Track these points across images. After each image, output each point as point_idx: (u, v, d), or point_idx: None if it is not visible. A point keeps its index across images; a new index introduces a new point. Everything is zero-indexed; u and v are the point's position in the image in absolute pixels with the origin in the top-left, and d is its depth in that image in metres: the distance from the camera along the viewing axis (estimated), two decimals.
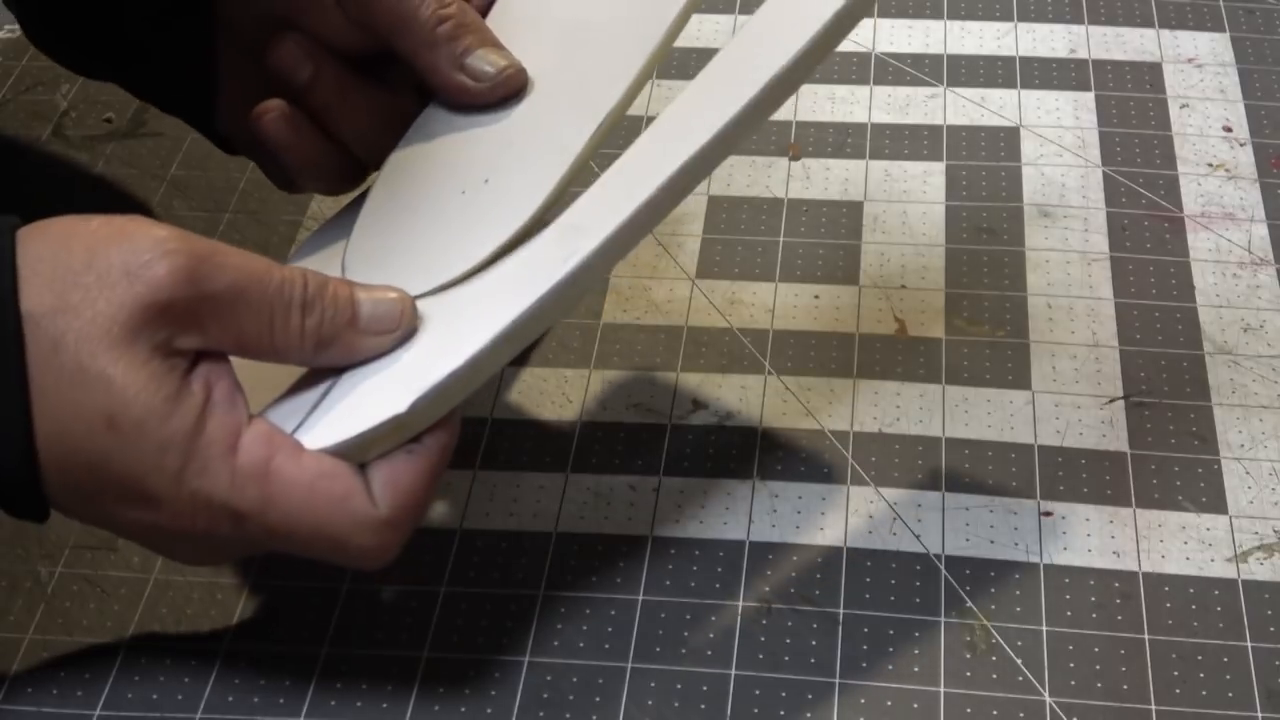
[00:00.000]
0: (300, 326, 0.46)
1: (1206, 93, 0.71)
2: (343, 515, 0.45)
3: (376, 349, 0.47)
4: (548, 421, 0.59)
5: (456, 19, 0.52)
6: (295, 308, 0.46)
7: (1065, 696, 0.50)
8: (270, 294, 0.45)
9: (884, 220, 0.66)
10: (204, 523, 0.45)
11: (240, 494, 0.44)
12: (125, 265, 0.44)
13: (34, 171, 0.70)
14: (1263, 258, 0.64)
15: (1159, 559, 0.54)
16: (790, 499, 0.56)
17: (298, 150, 0.54)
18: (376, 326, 0.47)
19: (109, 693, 0.51)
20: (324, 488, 0.45)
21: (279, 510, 0.45)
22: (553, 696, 0.51)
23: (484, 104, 0.53)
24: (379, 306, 0.47)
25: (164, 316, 0.44)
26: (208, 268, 0.44)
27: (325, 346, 0.46)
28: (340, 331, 0.47)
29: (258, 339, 0.46)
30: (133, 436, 0.44)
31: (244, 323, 0.45)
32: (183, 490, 0.44)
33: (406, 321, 0.48)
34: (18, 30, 0.78)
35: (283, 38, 0.53)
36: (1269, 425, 0.58)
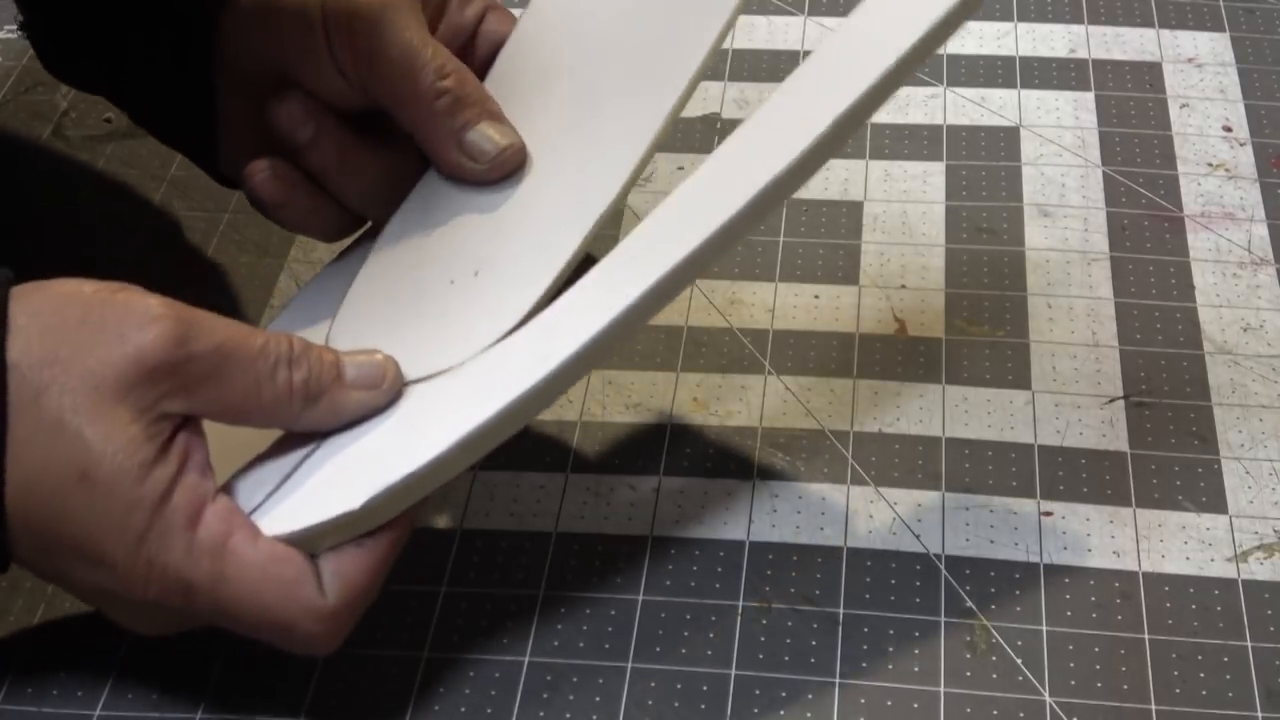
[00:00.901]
0: (288, 381, 0.46)
1: (1206, 93, 0.71)
2: (291, 602, 0.46)
3: (364, 405, 0.48)
4: (548, 421, 0.59)
5: (454, 92, 0.52)
6: (282, 364, 0.46)
7: (1065, 696, 0.50)
8: (256, 353, 0.46)
9: (884, 220, 0.66)
10: (155, 591, 0.45)
11: (194, 566, 0.45)
12: (118, 327, 0.44)
13: (34, 171, 0.70)
14: (1263, 258, 0.64)
15: (1159, 559, 0.54)
16: (790, 499, 0.56)
17: (289, 208, 0.54)
18: (363, 383, 0.48)
19: (109, 693, 0.51)
20: (275, 572, 0.45)
21: (229, 589, 0.45)
22: (552, 697, 0.51)
23: (482, 183, 0.53)
24: (363, 367, 0.48)
25: (151, 378, 0.44)
26: (195, 331, 0.45)
27: (313, 402, 0.47)
28: (327, 387, 0.47)
29: (245, 397, 0.46)
30: (102, 494, 0.44)
31: (232, 382, 0.45)
32: (139, 556, 0.44)
33: (391, 379, 0.48)
34: (18, 30, 0.78)
35: (284, 97, 0.53)
36: (1269, 425, 0.58)
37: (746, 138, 0.49)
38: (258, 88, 0.54)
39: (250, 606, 0.45)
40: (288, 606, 0.46)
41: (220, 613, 0.46)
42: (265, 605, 0.45)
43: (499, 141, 0.52)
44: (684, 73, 0.53)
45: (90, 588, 0.46)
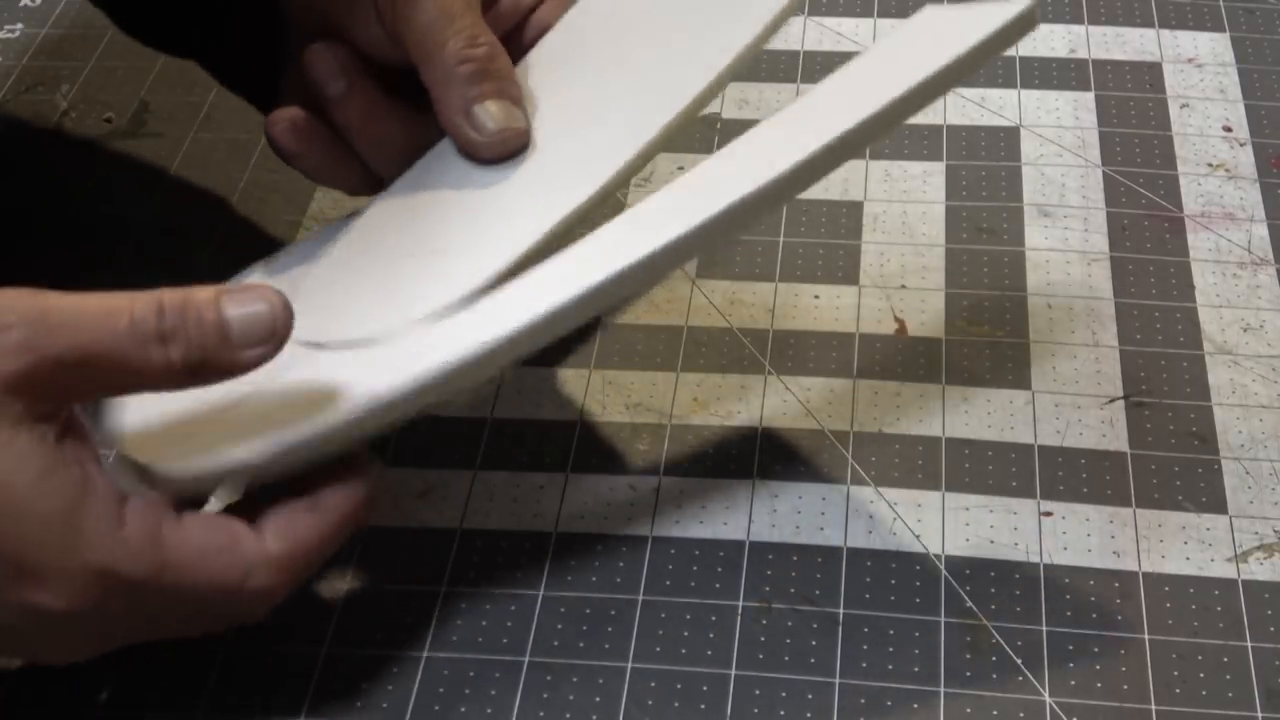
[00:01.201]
0: (165, 358, 0.43)
1: (1206, 93, 0.71)
2: (236, 557, 0.45)
3: (258, 361, 0.45)
4: (548, 421, 0.59)
5: (480, 63, 0.52)
6: (152, 342, 0.43)
7: (1065, 696, 0.50)
8: (120, 336, 0.43)
9: (884, 220, 0.66)
10: (95, 596, 0.43)
11: (136, 561, 0.43)
12: None
13: (34, 171, 0.70)
14: (1263, 258, 0.64)
15: (1159, 559, 0.54)
16: (790, 499, 0.56)
17: (306, 159, 0.54)
18: (250, 339, 0.44)
19: (109, 693, 0.51)
20: (214, 540, 0.44)
21: (175, 571, 0.44)
22: (553, 696, 0.51)
23: (480, 158, 0.53)
24: (249, 321, 0.44)
25: (13, 389, 0.42)
26: (45, 332, 0.42)
27: (199, 372, 0.44)
28: (211, 353, 0.44)
29: (123, 382, 0.44)
30: (14, 516, 0.42)
31: (102, 372, 0.43)
32: (73, 560, 0.42)
33: (281, 328, 0.45)
34: (18, 30, 0.78)
35: (320, 49, 0.53)
36: (1269, 425, 0.58)
37: (753, 140, 0.50)
38: (314, 33, 0.54)
39: (198, 582, 0.44)
40: (234, 562, 0.44)
41: (166, 599, 0.44)
42: (213, 572, 0.44)
43: (502, 120, 0.52)
44: (701, 77, 0.53)
45: (20, 612, 0.43)
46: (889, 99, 0.47)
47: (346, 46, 0.53)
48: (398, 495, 0.57)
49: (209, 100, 0.74)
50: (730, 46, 0.53)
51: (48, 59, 0.76)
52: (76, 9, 0.79)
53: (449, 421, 0.59)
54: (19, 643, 0.46)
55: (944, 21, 0.49)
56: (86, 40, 0.77)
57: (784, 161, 0.47)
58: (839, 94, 0.50)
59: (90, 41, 0.77)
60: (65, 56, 0.77)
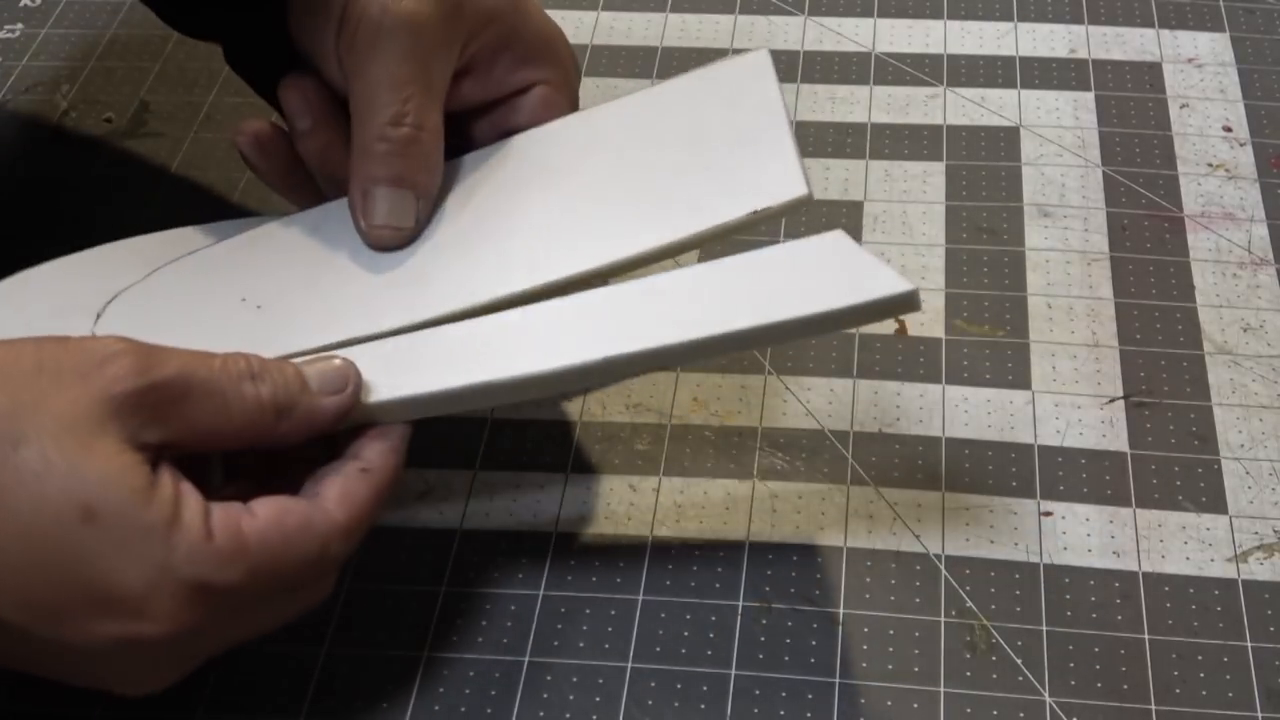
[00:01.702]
0: (256, 395, 0.45)
1: (1206, 93, 0.71)
2: (312, 536, 0.45)
3: (338, 410, 0.47)
4: (548, 421, 0.59)
5: (394, 145, 0.51)
6: (246, 379, 0.45)
7: (1065, 696, 0.50)
8: (217, 371, 0.45)
9: (884, 220, 0.66)
10: (188, 615, 0.43)
11: (230, 571, 0.43)
12: (76, 367, 0.43)
13: (34, 171, 0.70)
14: (1263, 258, 0.64)
15: (1159, 559, 0.54)
16: (790, 499, 0.56)
17: (265, 170, 0.55)
18: (330, 388, 0.47)
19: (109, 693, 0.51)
20: (289, 523, 0.45)
21: (265, 567, 0.44)
22: (553, 696, 0.51)
23: (365, 242, 0.53)
24: (325, 374, 0.47)
25: (122, 411, 0.43)
26: (153, 359, 0.44)
27: (286, 414, 0.46)
28: (296, 397, 0.46)
29: (216, 417, 0.45)
30: (113, 526, 0.42)
31: (201, 404, 0.44)
32: (169, 580, 0.42)
33: (354, 380, 0.47)
34: (18, 30, 0.78)
35: (291, 83, 0.54)
36: (1269, 425, 0.58)
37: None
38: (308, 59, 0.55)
39: (288, 566, 0.45)
40: (312, 540, 0.45)
41: (264, 593, 0.45)
42: (297, 555, 0.45)
43: (383, 216, 0.52)
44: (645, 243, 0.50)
45: (107, 646, 0.43)
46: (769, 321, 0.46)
47: (318, 82, 0.54)
48: (398, 495, 0.57)
49: (209, 100, 0.74)
50: (703, 223, 0.50)
51: (48, 59, 0.76)
52: (76, 9, 0.79)
53: (449, 421, 0.59)
54: (105, 675, 0.45)
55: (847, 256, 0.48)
56: (86, 40, 0.77)
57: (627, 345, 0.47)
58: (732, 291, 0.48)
59: (90, 41, 0.77)
60: (65, 56, 0.77)
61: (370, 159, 0.52)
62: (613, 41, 0.75)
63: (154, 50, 0.77)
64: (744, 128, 0.52)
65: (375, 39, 0.51)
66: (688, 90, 0.55)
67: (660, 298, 0.48)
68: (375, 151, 0.52)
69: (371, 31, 0.51)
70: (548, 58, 0.56)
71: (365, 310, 0.51)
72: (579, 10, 0.77)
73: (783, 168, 0.50)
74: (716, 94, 0.54)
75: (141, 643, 0.43)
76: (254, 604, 0.45)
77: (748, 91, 0.53)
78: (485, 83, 0.55)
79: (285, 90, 0.54)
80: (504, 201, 0.53)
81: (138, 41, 0.77)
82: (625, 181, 0.53)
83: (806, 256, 0.48)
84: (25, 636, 0.43)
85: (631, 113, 0.55)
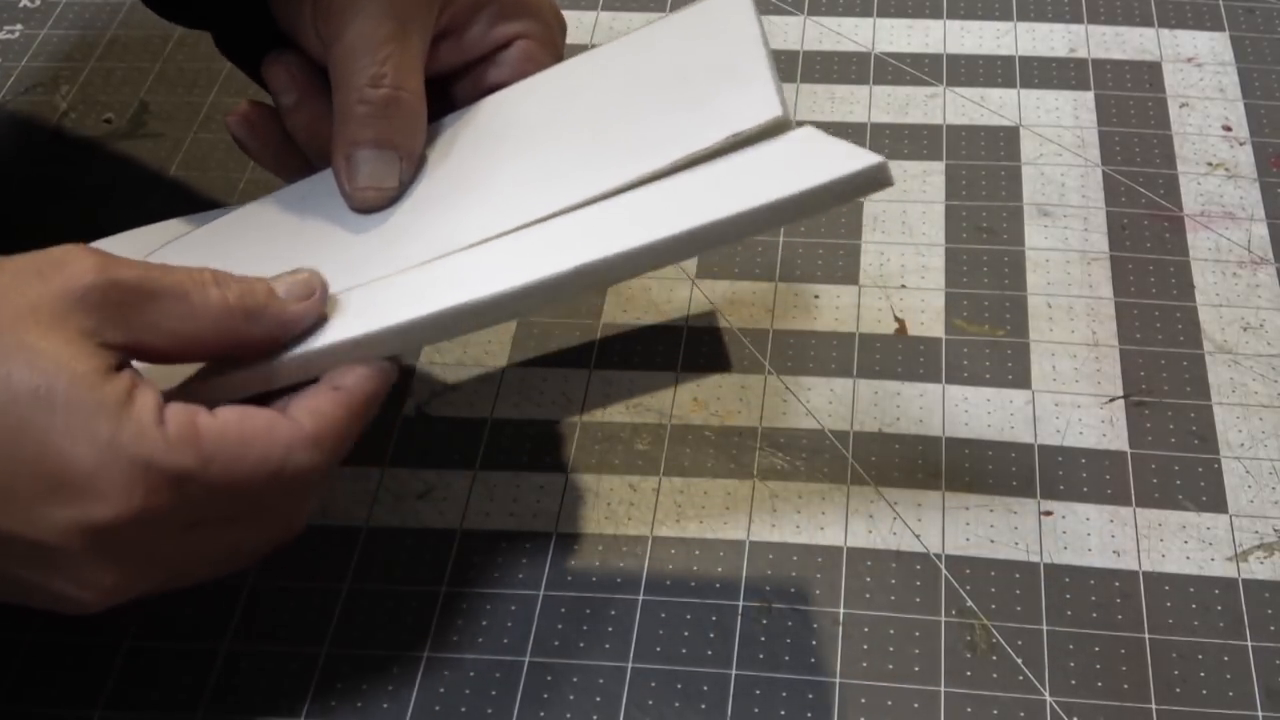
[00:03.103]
0: (222, 297, 0.45)
1: (1206, 92, 0.71)
2: (273, 441, 0.45)
3: (306, 315, 0.47)
4: (548, 421, 0.59)
5: (374, 106, 0.51)
6: (210, 285, 0.45)
7: (1065, 696, 0.50)
8: (180, 277, 0.45)
9: (884, 220, 0.66)
10: (141, 495, 0.42)
11: (179, 455, 0.43)
12: (36, 268, 0.43)
13: (34, 171, 0.70)
14: (1263, 257, 0.64)
15: (1159, 558, 0.54)
16: (790, 499, 0.56)
17: (256, 149, 0.55)
18: (297, 294, 0.47)
19: (109, 693, 0.51)
20: (249, 425, 0.44)
21: (218, 463, 0.44)
22: (553, 696, 0.51)
23: (348, 205, 0.52)
24: (291, 284, 0.47)
25: (83, 305, 0.43)
26: (115, 262, 0.44)
27: (255, 317, 0.46)
28: (264, 300, 0.46)
29: (182, 320, 0.45)
30: (64, 405, 0.42)
31: (165, 306, 0.44)
32: (119, 457, 0.42)
33: (320, 288, 0.48)
34: (18, 31, 0.78)
35: (274, 59, 0.54)
36: (1269, 424, 0.58)
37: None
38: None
39: (243, 466, 0.44)
40: (273, 445, 0.45)
41: (218, 492, 0.44)
42: (255, 457, 0.44)
43: (366, 178, 0.52)
44: (621, 176, 0.50)
45: (51, 533, 0.43)
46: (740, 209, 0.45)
47: (301, 58, 0.54)
48: (398, 495, 0.57)
49: (209, 100, 0.74)
50: (681, 151, 0.49)
51: (47, 60, 0.76)
52: (76, 9, 0.79)
53: (449, 421, 0.59)
54: (59, 578, 0.44)
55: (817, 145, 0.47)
56: (86, 41, 0.77)
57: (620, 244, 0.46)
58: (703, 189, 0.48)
59: (90, 42, 0.77)
60: (65, 57, 0.77)
61: (351, 122, 0.51)
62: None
63: (154, 51, 0.77)
64: (722, 60, 0.51)
65: (350, 3, 0.51)
66: (667, 31, 0.54)
67: (628, 208, 0.48)
68: (355, 114, 0.51)
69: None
70: (527, 11, 0.55)
71: (349, 267, 0.51)
72: (578, 10, 0.77)
73: (758, 93, 0.49)
74: (695, 32, 0.53)
75: (95, 528, 0.43)
76: (208, 505, 0.44)
77: (726, 26, 0.52)
78: (464, 43, 0.55)
79: (268, 67, 0.54)
80: (485, 155, 0.53)
81: (138, 42, 0.77)
82: (605, 124, 0.52)
83: (775, 151, 0.48)
84: None
85: (611, 58, 0.55)
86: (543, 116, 0.53)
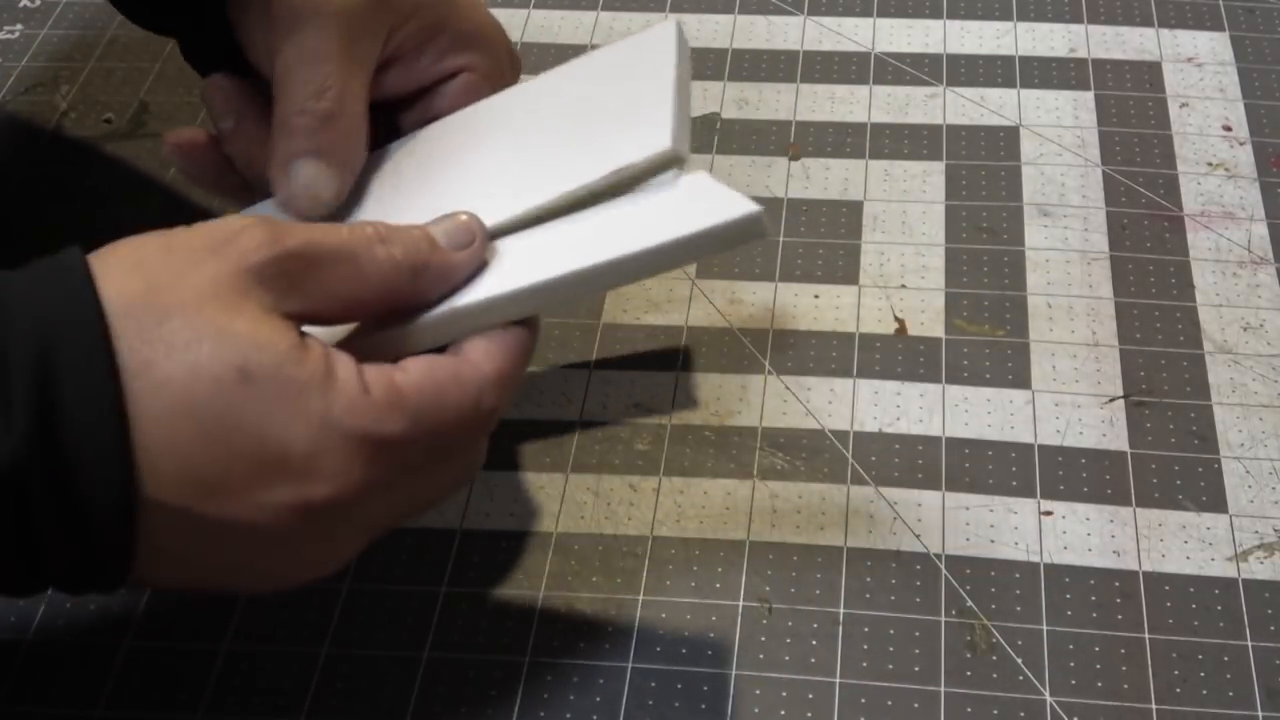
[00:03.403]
0: (390, 256, 0.45)
1: (1206, 92, 0.71)
2: (465, 385, 0.45)
3: (470, 264, 0.47)
4: (548, 421, 0.59)
5: (314, 118, 0.51)
6: (376, 242, 0.45)
7: (1065, 696, 0.50)
8: (345, 237, 0.45)
9: (884, 220, 0.66)
10: (360, 468, 0.42)
11: (392, 421, 0.43)
12: (207, 245, 0.43)
13: (34, 171, 0.70)
14: (1263, 257, 0.64)
15: (1159, 558, 0.54)
16: (790, 499, 0.56)
17: (195, 175, 0.55)
18: (458, 242, 0.47)
19: (109, 693, 0.51)
20: (440, 375, 0.45)
21: (425, 417, 0.44)
22: (553, 697, 0.51)
23: (287, 211, 0.51)
24: (451, 231, 0.47)
25: (262, 280, 0.43)
26: (282, 229, 0.44)
27: (422, 272, 0.46)
28: (428, 254, 0.46)
29: (353, 284, 0.45)
30: (271, 385, 0.41)
31: (335, 270, 0.44)
32: (333, 434, 0.42)
33: (479, 230, 0.47)
34: (18, 31, 0.78)
35: (215, 82, 0.54)
36: (1269, 425, 0.58)
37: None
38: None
39: (446, 415, 0.44)
40: (466, 389, 0.45)
41: (426, 446, 0.44)
42: (453, 404, 0.44)
43: (303, 185, 0.51)
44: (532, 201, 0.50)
45: (281, 515, 0.42)
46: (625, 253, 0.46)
47: (240, 82, 0.53)
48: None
49: None
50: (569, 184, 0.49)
51: (47, 60, 0.76)
52: (76, 9, 0.79)
53: None
54: (276, 559, 0.44)
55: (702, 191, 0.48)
56: (86, 41, 0.77)
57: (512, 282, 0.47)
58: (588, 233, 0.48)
59: (90, 42, 0.77)
60: (65, 57, 0.77)
61: (290, 133, 0.51)
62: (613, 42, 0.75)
63: (154, 51, 0.77)
64: (633, 95, 0.51)
65: (297, 19, 0.51)
66: (594, 64, 0.54)
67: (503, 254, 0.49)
68: (295, 125, 0.51)
69: (294, 12, 0.51)
70: (475, 45, 0.55)
71: None
72: (579, 11, 0.77)
73: (653, 128, 0.49)
74: (619, 65, 0.53)
75: (313, 507, 0.42)
76: (419, 461, 0.45)
77: (646, 61, 0.52)
78: (411, 72, 0.55)
79: (207, 90, 0.54)
80: (394, 188, 0.53)
81: (138, 42, 0.77)
82: (511, 158, 0.52)
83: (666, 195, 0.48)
84: (186, 522, 0.42)
85: (539, 90, 0.55)
86: (459, 149, 0.54)
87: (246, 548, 0.43)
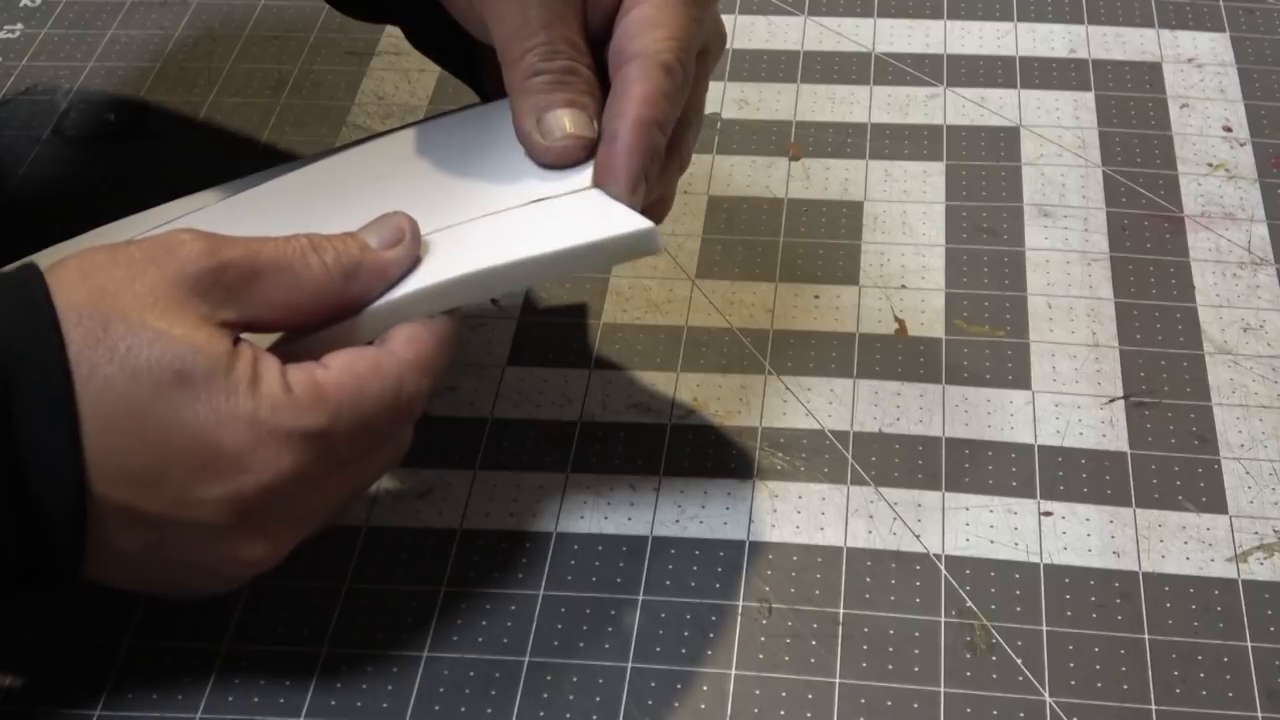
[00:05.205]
0: (322, 264, 0.47)
1: (1206, 93, 0.71)
2: (385, 374, 0.47)
3: (403, 260, 0.49)
4: (548, 421, 0.59)
5: (554, 75, 0.52)
6: (308, 251, 0.47)
7: (1065, 696, 0.50)
8: (280, 248, 0.47)
9: (884, 220, 0.66)
10: (289, 461, 0.45)
11: (313, 416, 0.45)
12: (148, 256, 0.45)
13: (34, 171, 0.70)
14: (1263, 258, 0.64)
15: (1159, 559, 0.54)
16: (790, 499, 0.56)
17: None
18: (388, 241, 0.49)
19: (109, 693, 0.51)
20: (360, 367, 0.47)
21: (346, 409, 0.46)
22: (553, 696, 0.51)
23: (542, 162, 0.52)
24: (380, 230, 0.49)
25: (199, 289, 0.45)
26: (220, 242, 0.46)
27: (354, 274, 0.48)
28: (359, 256, 0.48)
29: (289, 290, 0.47)
30: (205, 387, 0.44)
31: (272, 279, 0.46)
32: (260, 431, 0.44)
33: (409, 226, 0.49)
34: (18, 30, 0.78)
35: None
36: (1269, 425, 0.58)
37: None
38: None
39: (366, 404, 0.46)
40: (385, 377, 0.47)
41: (353, 435, 0.46)
42: (374, 393, 0.47)
43: (566, 128, 0.52)
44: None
45: (219, 510, 0.45)
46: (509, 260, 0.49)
47: None
48: (398, 495, 0.57)
49: (209, 100, 0.74)
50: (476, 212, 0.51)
51: (48, 59, 0.76)
52: (76, 9, 0.79)
53: (449, 421, 0.59)
54: (218, 554, 0.46)
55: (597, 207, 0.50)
56: (86, 40, 0.77)
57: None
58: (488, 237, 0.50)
59: (90, 41, 0.77)
60: (65, 56, 0.77)
61: (531, 93, 0.52)
62: None
63: (154, 50, 0.77)
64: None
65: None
66: None
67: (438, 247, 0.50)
68: (535, 85, 0.51)
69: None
70: None
71: None
72: None
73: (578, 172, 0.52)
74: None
75: (247, 501, 0.45)
76: (346, 450, 0.47)
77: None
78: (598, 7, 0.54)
79: None
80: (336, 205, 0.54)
81: (138, 41, 0.77)
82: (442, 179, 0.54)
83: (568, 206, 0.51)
84: (130, 519, 0.45)
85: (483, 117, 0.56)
86: (394, 167, 0.56)
87: (186, 543, 0.46)
